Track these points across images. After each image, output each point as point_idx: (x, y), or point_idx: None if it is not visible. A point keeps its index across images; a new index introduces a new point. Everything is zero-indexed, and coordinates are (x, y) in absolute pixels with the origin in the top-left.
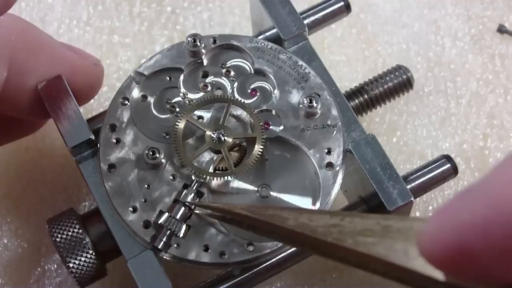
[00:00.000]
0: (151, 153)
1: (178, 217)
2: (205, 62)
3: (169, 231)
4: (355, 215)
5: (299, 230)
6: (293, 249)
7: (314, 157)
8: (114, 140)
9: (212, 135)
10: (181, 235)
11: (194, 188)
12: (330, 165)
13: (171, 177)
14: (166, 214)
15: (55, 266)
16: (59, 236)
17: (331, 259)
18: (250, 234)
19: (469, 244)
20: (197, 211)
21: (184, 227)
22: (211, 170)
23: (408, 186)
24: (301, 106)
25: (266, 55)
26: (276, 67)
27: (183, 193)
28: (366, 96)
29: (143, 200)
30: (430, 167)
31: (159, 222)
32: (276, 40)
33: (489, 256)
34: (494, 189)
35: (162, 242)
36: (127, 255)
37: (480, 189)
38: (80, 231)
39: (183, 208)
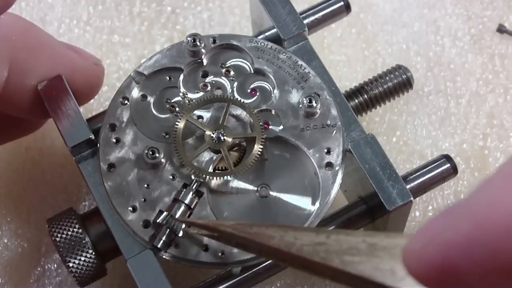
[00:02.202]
0: (150, 152)
1: (177, 216)
2: (205, 61)
3: (168, 230)
4: (340, 232)
5: (285, 249)
6: None
7: (313, 157)
8: (114, 140)
9: (212, 135)
10: (181, 234)
11: (193, 187)
12: (329, 165)
13: (171, 177)
14: (166, 214)
15: (55, 265)
16: (59, 235)
17: (321, 277)
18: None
19: (454, 262)
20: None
21: (183, 226)
22: (210, 169)
23: (408, 186)
24: (300, 106)
25: (266, 55)
26: (275, 67)
27: (183, 192)
28: (365, 96)
29: (143, 199)
30: (430, 167)
31: (158, 221)
32: (276, 40)
33: (473, 275)
34: (479, 208)
35: (161, 241)
36: (127, 254)
37: (465, 208)
38: (80, 230)
39: (182, 208)
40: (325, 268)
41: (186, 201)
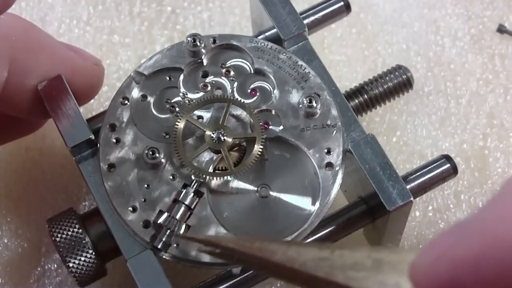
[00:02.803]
0: (150, 153)
1: (177, 216)
2: (205, 62)
3: (168, 231)
4: (345, 247)
5: (288, 264)
6: None
7: (313, 157)
8: (114, 140)
9: (212, 135)
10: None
11: (193, 188)
12: (329, 165)
13: (171, 177)
14: (166, 214)
15: (55, 265)
16: (59, 235)
17: None
18: (250, 234)
19: (462, 279)
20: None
21: (183, 226)
22: (210, 170)
23: (408, 186)
24: (300, 106)
25: (266, 55)
26: (276, 67)
27: (183, 192)
28: (366, 96)
29: (143, 200)
30: (430, 167)
31: (159, 221)
32: (276, 40)
33: None
34: (488, 225)
35: (161, 242)
36: (127, 255)
37: (473, 224)
38: (80, 230)
39: (183, 208)
40: (329, 283)
41: (186, 202)
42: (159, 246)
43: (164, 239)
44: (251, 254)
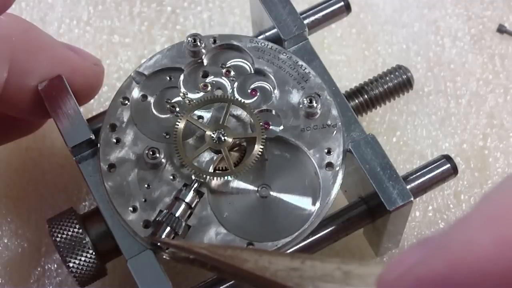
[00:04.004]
0: (151, 153)
1: (177, 214)
2: (205, 62)
3: (168, 228)
4: (316, 258)
5: (259, 273)
6: (292, 249)
7: (314, 157)
8: (114, 140)
9: (212, 135)
10: (180, 232)
11: (194, 188)
12: (330, 165)
13: (171, 177)
14: (166, 211)
15: (55, 265)
16: (59, 236)
17: None
18: (250, 234)
19: None
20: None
21: (183, 225)
22: (211, 170)
23: (408, 186)
24: (301, 106)
25: (266, 55)
26: (276, 67)
27: (183, 190)
28: (366, 96)
29: (143, 200)
30: (430, 167)
31: (159, 219)
32: (276, 40)
33: None
34: (453, 247)
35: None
36: (127, 255)
37: (439, 244)
38: (80, 231)
39: (183, 206)
40: None
41: (187, 200)
42: (158, 244)
43: (164, 236)
44: (223, 262)
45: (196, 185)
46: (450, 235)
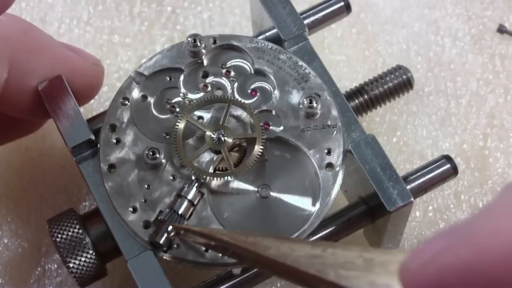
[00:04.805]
0: (151, 153)
1: (180, 211)
2: (205, 62)
3: (170, 226)
4: (337, 246)
5: (281, 260)
6: None
7: (314, 158)
8: (114, 140)
9: (212, 136)
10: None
11: (196, 185)
12: (330, 165)
13: (171, 177)
14: (168, 209)
15: (56, 266)
16: (59, 236)
17: None
18: None
19: (450, 285)
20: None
21: (185, 223)
22: (211, 170)
23: (408, 187)
24: (301, 106)
25: (266, 55)
26: (276, 67)
27: (185, 188)
28: (366, 96)
29: (143, 200)
30: (430, 167)
31: (161, 217)
32: (276, 40)
33: None
34: (480, 236)
35: (163, 238)
36: (127, 255)
37: (466, 232)
38: (80, 231)
39: (185, 203)
40: (320, 281)
41: (189, 197)
42: (161, 242)
43: (166, 234)
44: (245, 248)
45: (196, 185)
46: (475, 223)
